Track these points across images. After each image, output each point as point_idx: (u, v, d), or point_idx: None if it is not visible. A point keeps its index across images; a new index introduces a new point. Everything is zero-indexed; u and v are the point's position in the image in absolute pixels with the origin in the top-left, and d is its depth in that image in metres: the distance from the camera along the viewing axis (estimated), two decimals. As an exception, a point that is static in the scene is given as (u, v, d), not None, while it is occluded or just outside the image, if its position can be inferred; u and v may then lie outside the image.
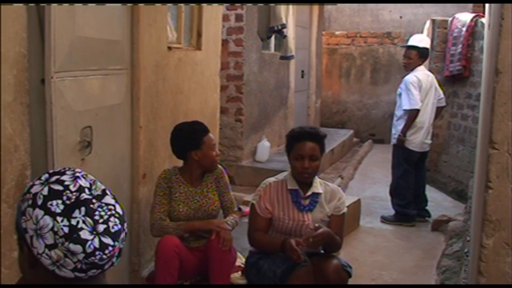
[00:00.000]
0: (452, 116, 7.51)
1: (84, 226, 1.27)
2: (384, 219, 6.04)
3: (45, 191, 1.29)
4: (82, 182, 1.34)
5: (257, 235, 3.29)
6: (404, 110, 5.75)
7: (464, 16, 7.25)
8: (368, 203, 6.41)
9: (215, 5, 5.08)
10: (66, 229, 1.25)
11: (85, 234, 1.27)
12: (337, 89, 12.06)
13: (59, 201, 1.28)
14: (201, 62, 4.79)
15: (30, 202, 1.28)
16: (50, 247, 1.25)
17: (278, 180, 3.35)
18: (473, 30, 6.95)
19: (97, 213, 1.31)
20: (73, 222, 1.26)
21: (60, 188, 1.30)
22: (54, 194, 1.29)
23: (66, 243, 1.25)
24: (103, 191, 1.37)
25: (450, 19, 7.58)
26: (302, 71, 9.85)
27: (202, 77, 4.83)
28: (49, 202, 1.27)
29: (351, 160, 9.28)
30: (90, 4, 2.92)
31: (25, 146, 2.41)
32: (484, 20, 6.13)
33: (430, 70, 7.75)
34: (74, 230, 1.26)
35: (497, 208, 1.65)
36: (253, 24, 7.27)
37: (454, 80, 7.39)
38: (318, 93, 10.91)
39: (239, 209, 5.36)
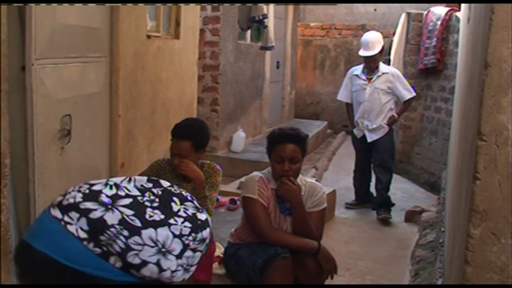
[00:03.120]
0: (425, 109, 7.61)
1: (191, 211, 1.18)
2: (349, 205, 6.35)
3: (129, 211, 1.11)
4: None
5: (278, 233, 3.14)
6: (409, 99, 5.87)
7: (439, 10, 7.33)
8: (342, 194, 6.46)
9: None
10: (188, 224, 1.13)
11: None
12: (311, 81, 12.10)
13: (149, 210, 1.12)
14: (179, 51, 4.76)
15: (126, 232, 1.09)
16: (183, 252, 1.12)
17: (264, 177, 3.24)
18: (447, 24, 7.03)
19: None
20: (188, 211, 1.15)
21: (128, 200, 1.14)
22: (138, 205, 1.13)
23: (200, 233, 1.13)
24: None
25: (425, 12, 7.65)
26: (278, 62, 9.86)
27: (180, 66, 4.80)
28: (146, 215, 1.11)
29: (325, 151, 9.34)
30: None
31: (4, 134, 2.36)
32: (459, 14, 6.22)
33: (404, 63, 7.86)
34: (192, 218, 1.14)
35: (484, 198, 1.68)
36: (229, 14, 7.24)
37: (428, 73, 7.49)
38: (292, 84, 10.94)
39: (216, 199, 5.35)
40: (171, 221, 1.12)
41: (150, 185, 1.20)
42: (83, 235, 1.07)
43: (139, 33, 3.87)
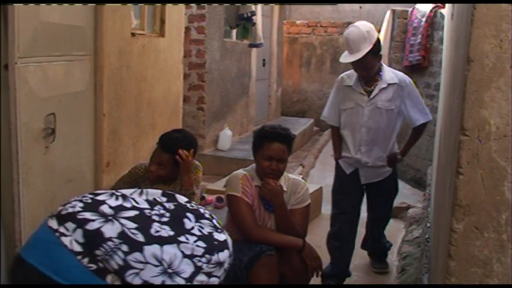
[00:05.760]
0: (411, 106, 7.64)
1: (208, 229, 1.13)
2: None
3: (131, 224, 1.03)
4: None
5: (263, 231, 3.12)
6: (422, 124, 4.06)
7: (424, 7, 7.37)
8: (329, 191, 6.36)
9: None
10: (202, 244, 1.08)
11: None
12: (297, 78, 12.11)
13: (156, 225, 1.05)
14: (165, 50, 4.74)
15: (125, 247, 1.01)
16: (196, 273, 1.05)
17: (248, 174, 3.23)
18: (432, 21, 7.07)
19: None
20: (204, 230, 1.09)
21: (134, 212, 1.07)
22: (144, 219, 1.07)
23: (216, 256, 1.08)
24: None
25: (410, 9, 7.70)
26: (263, 60, 9.86)
27: (166, 64, 4.78)
28: (151, 230, 1.04)
29: (311, 149, 9.36)
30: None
31: (-12, 133, 2.34)
32: (444, 11, 6.26)
33: (389, 60, 7.89)
34: (210, 238, 1.08)
35: (467, 193, 1.70)
36: (215, 12, 7.22)
37: (413, 70, 7.51)
38: (279, 82, 10.95)
39: (203, 197, 5.35)
40: (182, 238, 1.00)
41: (164, 199, 1.07)
42: (77, 248, 0.97)
43: (123, 31, 3.85)
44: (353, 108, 3.95)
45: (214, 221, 1.11)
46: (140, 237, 0.97)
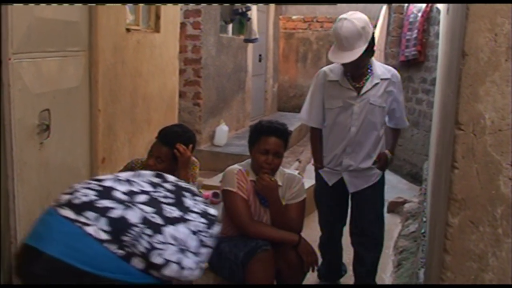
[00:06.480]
0: (407, 101, 7.64)
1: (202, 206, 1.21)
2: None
3: (148, 208, 1.12)
4: None
5: (259, 226, 3.12)
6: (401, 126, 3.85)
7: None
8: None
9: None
10: (201, 219, 1.19)
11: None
12: (294, 74, 12.10)
13: (166, 208, 1.14)
14: (160, 45, 4.72)
15: (149, 231, 1.11)
16: (199, 248, 1.17)
17: (243, 169, 3.23)
18: (428, 16, 7.07)
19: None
20: (199, 206, 1.19)
21: (145, 197, 1.16)
22: (155, 203, 1.16)
23: (212, 229, 1.18)
24: None
25: (406, 4, 7.69)
26: (260, 55, 9.84)
27: (161, 60, 4.77)
28: (164, 212, 1.14)
29: (308, 144, 9.32)
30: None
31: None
32: (440, 6, 6.25)
33: (386, 55, 7.89)
34: (204, 213, 1.19)
35: (462, 187, 1.70)
36: (211, 7, 7.20)
37: (409, 65, 7.53)
38: (275, 77, 10.93)
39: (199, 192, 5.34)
40: (188, 217, 1.08)
41: (159, 179, 1.14)
42: (104, 236, 1.01)
43: (118, 26, 3.84)
44: (342, 106, 3.48)
45: (202, 196, 1.17)
46: (159, 220, 1.04)
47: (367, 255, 3.73)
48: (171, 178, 1.16)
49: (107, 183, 1.07)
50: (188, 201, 1.11)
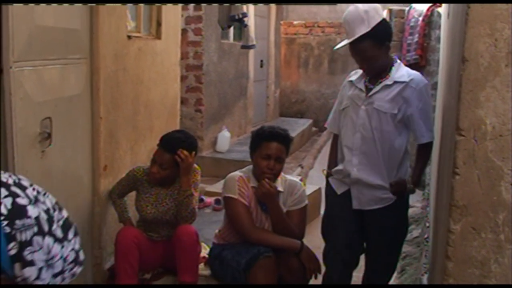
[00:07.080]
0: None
1: (78, 246, 1.26)
2: None
3: (44, 214, 1.17)
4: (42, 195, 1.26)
5: (260, 233, 3.14)
6: (427, 143, 3.16)
7: (421, 6, 7.37)
8: (328, 192, 6.45)
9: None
10: (73, 255, 1.22)
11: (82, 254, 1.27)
12: (295, 79, 12.11)
13: (55, 224, 1.19)
14: (161, 52, 4.72)
15: (36, 229, 1.14)
16: (57, 275, 1.19)
17: (244, 175, 3.24)
18: (429, 20, 7.06)
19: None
20: (75, 246, 1.24)
21: (45, 207, 1.20)
22: (50, 216, 1.19)
23: (75, 268, 1.23)
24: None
25: (407, 8, 7.69)
26: (261, 61, 9.85)
27: (162, 67, 4.77)
28: (52, 227, 1.18)
29: (310, 149, 9.36)
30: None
31: (-17, 138, 2.33)
32: (441, 10, 6.25)
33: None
34: (77, 253, 1.24)
35: (464, 193, 1.69)
36: (212, 13, 7.21)
37: (411, 69, 7.50)
38: (277, 83, 10.94)
39: (201, 199, 5.34)
40: (65, 243, 1.19)
41: (58, 207, 1.25)
42: (3, 210, 1.10)
43: (119, 33, 3.84)
44: (348, 107, 3.12)
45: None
46: (46, 228, 1.15)
47: (378, 280, 3.37)
48: (65, 212, 1.27)
49: (24, 183, 1.21)
50: (71, 235, 1.23)
